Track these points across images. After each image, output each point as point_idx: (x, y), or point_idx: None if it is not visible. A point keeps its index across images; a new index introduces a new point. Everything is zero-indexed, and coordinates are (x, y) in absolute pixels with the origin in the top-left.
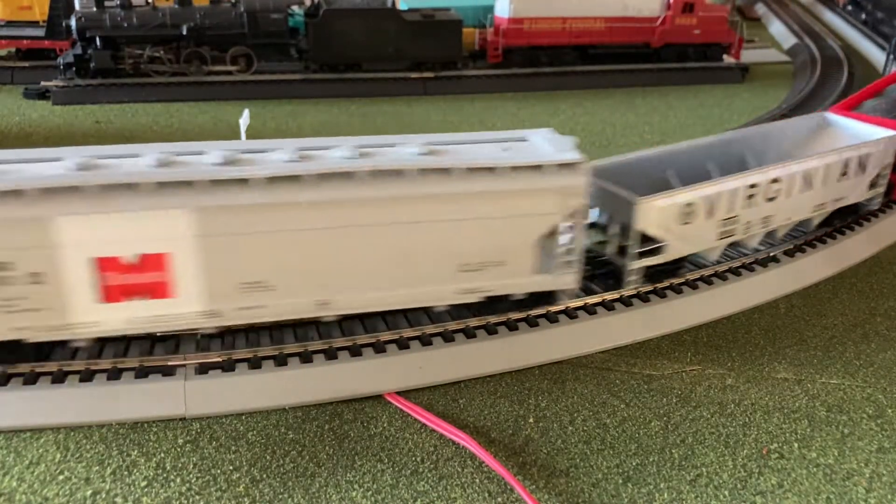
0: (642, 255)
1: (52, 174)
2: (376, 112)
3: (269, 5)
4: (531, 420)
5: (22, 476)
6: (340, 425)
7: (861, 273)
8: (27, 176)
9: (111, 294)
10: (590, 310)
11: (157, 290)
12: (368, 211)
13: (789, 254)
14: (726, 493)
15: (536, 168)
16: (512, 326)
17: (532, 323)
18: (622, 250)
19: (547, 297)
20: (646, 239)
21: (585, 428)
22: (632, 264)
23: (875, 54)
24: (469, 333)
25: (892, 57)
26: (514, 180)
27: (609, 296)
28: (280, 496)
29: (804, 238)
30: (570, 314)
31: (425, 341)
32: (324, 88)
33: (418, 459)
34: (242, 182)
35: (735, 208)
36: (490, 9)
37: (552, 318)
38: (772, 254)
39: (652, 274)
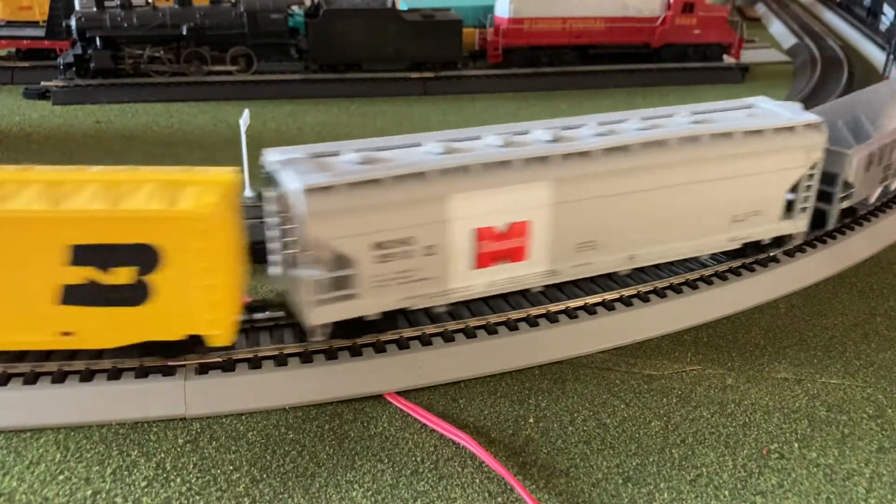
0: (841, 199)
1: (441, 157)
2: (376, 112)
3: (269, 5)
4: (531, 420)
5: (22, 476)
6: (340, 425)
7: (861, 273)
8: (411, 161)
9: (483, 260)
10: (590, 310)
11: (516, 255)
12: (672, 173)
13: (789, 254)
14: (726, 493)
15: (790, 129)
16: (512, 326)
17: (532, 323)
18: (825, 196)
19: (781, 240)
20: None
21: (585, 428)
22: (836, 207)
23: (875, 54)
24: (469, 333)
25: (892, 57)
26: (776, 140)
27: (609, 296)
28: (280, 496)
29: (804, 238)
30: (570, 314)
31: (425, 341)
32: (324, 88)
33: (418, 459)
34: (585, 154)
35: (892, 157)
36: (490, 9)
37: (552, 318)
38: (772, 254)
39: (843, 215)
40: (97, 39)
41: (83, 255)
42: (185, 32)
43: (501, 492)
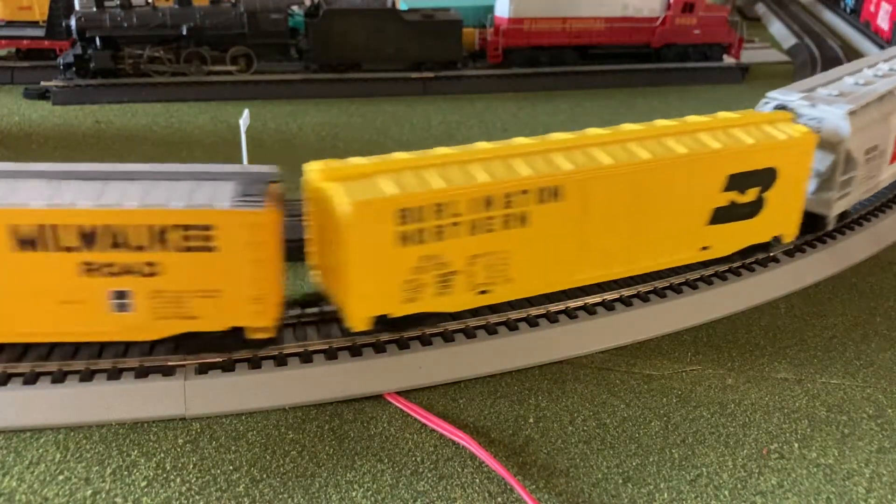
0: None
1: (882, 83)
2: (376, 112)
3: (269, 5)
4: (531, 420)
5: (22, 476)
6: (340, 425)
7: (861, 273)
8: (870, 89)
9: (893, 158)
10: (590, 310)
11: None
12: None
13: (789, 254)
14: (726, 493)
15: None
16: (512, 326)
17: (532, 323)
18: None
19: None
20: None
21: (585, 428)
22: None
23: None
24: (469, 333)
25: None
26: None
27: (609, 296)
28: (280, 496)
29: (804, 238)
30: (570, 314)
31: (425, 341)
32: (324, 88)
33: (418, 459)
34: None
35: None
36: (490, 9)
37: (552, 318)
38: (772, 254)
39: None
40: (97, 39)
41: (733, 181)
42: (185, 32)
43: (501, 492)
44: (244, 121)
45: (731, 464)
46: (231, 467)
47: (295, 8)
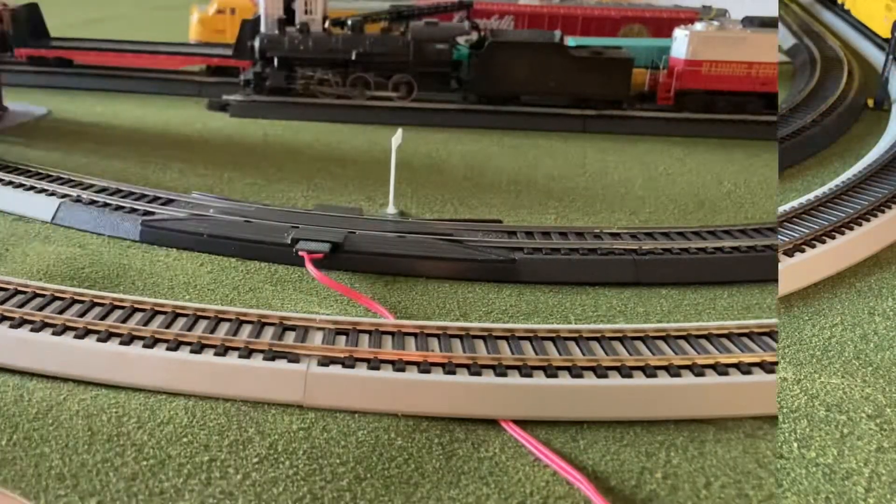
0: None
1: None
2: (529, 145)
3: (435, 35)
4: (658, 475)
5: (152, 432)
6: (450, 442)
7: (861, 273)
8: None
9: None
10: (743, 369)
11: None
12: None
13: (789, 254)
14: None
15: None
16: (650, 373)
17: (674, 373)
18: None
19: None
20: None
21: (722, 496)
22: None
23: (874, 54)
24: (599, 373)
25: (891, 57)
26: None
27: (769, 357)
28: (381, 498)
29: (804, 238)
30: (720, 370)
31: (550, 373)
32: (479, 119)
33: (527, 491)
34: None
35: None
36: (665, 49)
37: (697, 371)
38: None
39: None
40: (275, 60)
41: None
42: (353, 58)
43: None
44: (396, 139)
45: None
46: (338, 461)
47: (461, 40)
